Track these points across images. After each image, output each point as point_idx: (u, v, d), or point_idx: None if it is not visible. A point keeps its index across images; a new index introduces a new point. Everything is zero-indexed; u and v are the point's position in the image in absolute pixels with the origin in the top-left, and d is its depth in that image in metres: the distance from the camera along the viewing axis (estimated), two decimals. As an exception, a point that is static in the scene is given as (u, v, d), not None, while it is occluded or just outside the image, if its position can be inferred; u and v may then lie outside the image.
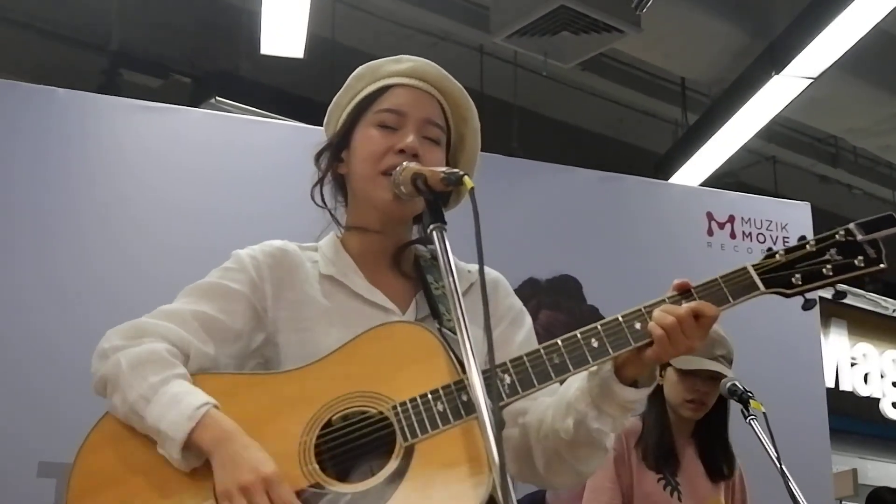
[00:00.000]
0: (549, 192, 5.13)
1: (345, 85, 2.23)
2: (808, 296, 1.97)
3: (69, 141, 4.32)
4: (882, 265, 1.96)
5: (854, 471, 10.21)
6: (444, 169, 1.91)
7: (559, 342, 1.94)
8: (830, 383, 10.99)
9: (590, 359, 1.92)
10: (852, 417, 11.21)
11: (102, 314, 4.03)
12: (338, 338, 1.99)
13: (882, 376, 12.47)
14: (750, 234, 5.38)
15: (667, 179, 7.96)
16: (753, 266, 1.98)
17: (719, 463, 3.78)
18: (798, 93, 7.25)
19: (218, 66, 7.79)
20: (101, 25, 7.33)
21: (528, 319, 2.27)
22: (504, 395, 1.90)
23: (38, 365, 3.99)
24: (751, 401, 3.47)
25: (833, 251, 1.96)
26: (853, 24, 6.37)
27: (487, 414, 1.67)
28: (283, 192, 4.23)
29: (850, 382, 12.07)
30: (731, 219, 5.38)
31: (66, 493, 1.89)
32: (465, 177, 1.84)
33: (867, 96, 8.28)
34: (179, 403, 1.86)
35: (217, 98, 7.18)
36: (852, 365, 12.17)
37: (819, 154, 10.14)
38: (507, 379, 1.90)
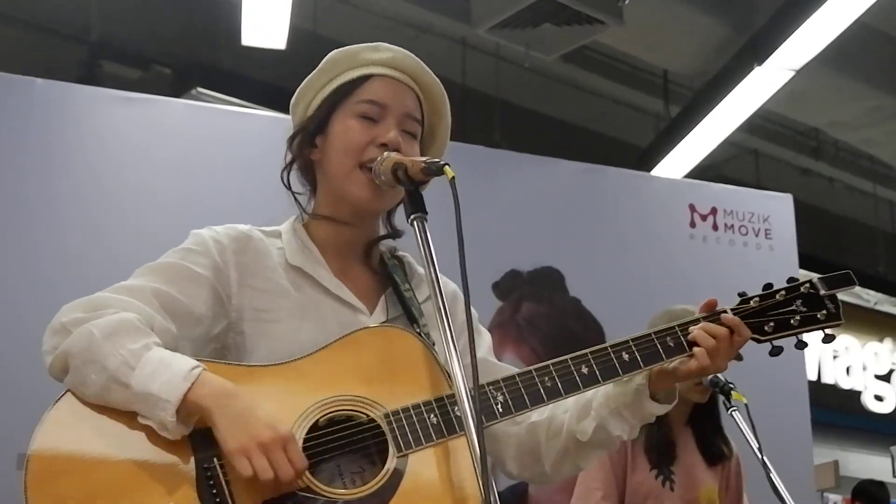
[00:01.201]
0: (531, 183, 5.12)
1: (318, 68, 2.17)
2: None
3: (49, 131, 4.29)
4: (840, 321, 2.10)
5: (835, 462, 10.27)
6: (424, 159, 1.90)
7: (550, 365, 2.01)
8: (813, 376, 11.04)
9: (581, 385, 2.00)
10: (834, 410, 11.26)
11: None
12: (310, 332, 1.97)
13: (864, 369, 12.55)
14: (732, 225, 5.38)
15: (649, 172, 7.97)
16: (732, 309, 2.11)
17: (718, 445, 3.79)
18: (780, 86, 7.29)
19: (199, 58, 7.77)
20: (80, 16, 7.30)
21: (485, 332, 2.29)
22: (497, 414, 1.94)
23: (17, 357, 3.96)
24: (732, 392, 3.47)
25: (799, 302, 2.11)
26: (835, 17, 6.40)
27: (476, 435, 1.65)
28: (264, 183, 4.15)
29: (833, 375, 12.14)
30: (714, 211, 5.39)
31: (25, 477, 1.75)
32: (447, 166, 1.82)
33: (849, 89, 8.32)
34: (171, 366, 1.78)
35: (198, 89, 7.17)
36: (834, 357, 12.23)
37: (801, 147, 10.19)
38: (500, 397, 1.95)
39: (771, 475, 3.23)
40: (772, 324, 2.09)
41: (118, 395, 1.79)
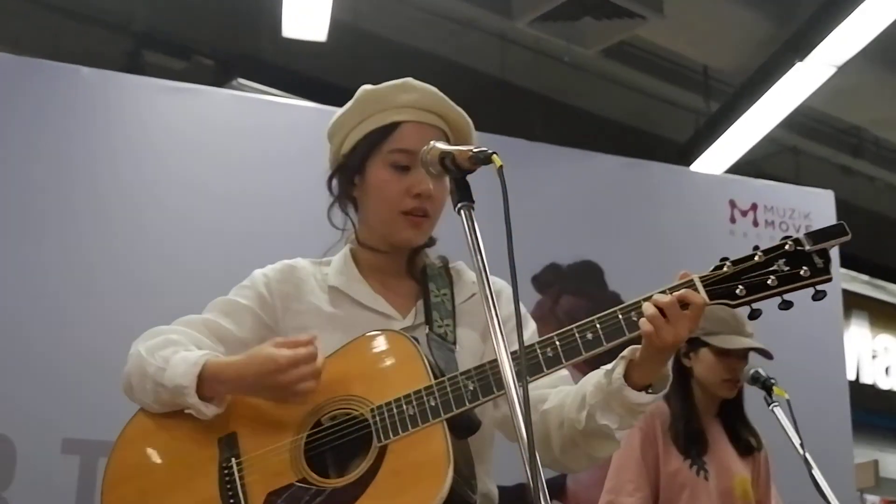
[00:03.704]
0: (571, 177, 5.13)
1: (348, 106, 2.34)
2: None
3: (94, 119, 4.34)
4: (828, 276, 1.94)
5: (875, 462, 10.18)
6: (471, 147, 1.92)
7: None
8: (851, 376, 10.95)
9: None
10: (872, 411, 11.16)
11: (126, 295, 4.08)
12: (339, 342, 2.17)
13: (904, 369, 12.45)
14: (773, 222, 5.36)
15: (688, 167, 7.93)
16: (701, 277, 2.01)
17: (746, 437, 3.79)
18: (822, 82, 7.22)
19: (240, 49, 7.80)
20: (125, 7, 7.34)
21: (533, 324, 2.36)
22: (478, 396, 2.04)
23: (61, 346, 4.02)
24: (774, 387, 3.47)
25: (781, 262, 1.95)
26: (878, 13, 6.35)
27: (517, 396, 1.73)
28: (304, 173, 4.23)
29: (871, 375, 12.05)
30: (754, 207, 5.37)
31: (103, 483, 2.16)
32: (495, 155, 1.84)
33: (891, 86, 8.25)
34: (187, 359, 2.08)
35: (239, 80, 7.20)
36: (873, 357, 12.14)
37: (841, 144, 10.10)
38: (469, 386, 2.04)
39: (813, 472, 3.22)
40: (741, 287, 1.96)
41: (164, 395, 2.11)
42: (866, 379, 11.86)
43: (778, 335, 4.62)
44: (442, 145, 1.99)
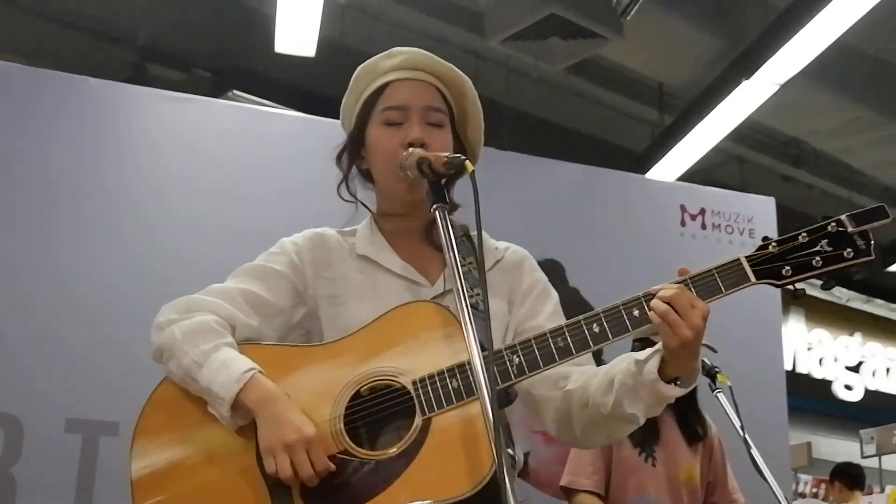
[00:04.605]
0: (536, 183, 5.13)
1: (348, 88, 2.24)
2: (799, 285, 1.90)
3: (101, 127, 4.31)
4: (870, 257, 1.84)
5: (808, 443, 10.27)
6: (447, 154, 1.92)
7: (563, 326, 1.93)
8: (788, 366, 11.04)
9: (591, 343, 1.91)
10: (807, 397, 11.25)
11: (130, 283, 4.06)
12: (370, 310, 2.01)
13: (835, 360, 12.56)
14: (719, 225, 5.38)
15: (644, 175, 7.96)
16: (747, 258, 1.91)
17: (694, 426, 3.80)
18: (766, 98, 7.28)
19: (236, 62, 7.79)
20: (129, 22, 7.32)
21: (554, 292, 2.25)
22: (512, 375, 1.90)
23: (68, 331, 4.00)
24: (718, 375, 3.49)
25: (824, 242, 1.86)
26: (818, 36, 6.41)
27: (487, 393, 1.67)
28: (296, 177, 4.26)
29: (806, 365, 12.14)
30: (703, 211, 5.38)
31: (132, 441, 1.97)
32: (466, 161, 1.84)
33: (829, 102, 8.32)
34: (228, 368, 1.91)
35: (234, 91, 7.19)
36: (808, 349, 12.24)
37: (783, 155, 10.17)
38: (516, 359, 1.91)
39: (752, 451, 3.25)
40: (788, 268, 1.87)
41: (191, 387, 1.96)
42: (802, 368, 11.98)
43: (723, 329, 4.59)
44: (420, 152, 1.98)
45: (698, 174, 8.81)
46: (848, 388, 12.60)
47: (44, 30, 7.11)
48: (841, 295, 12.16)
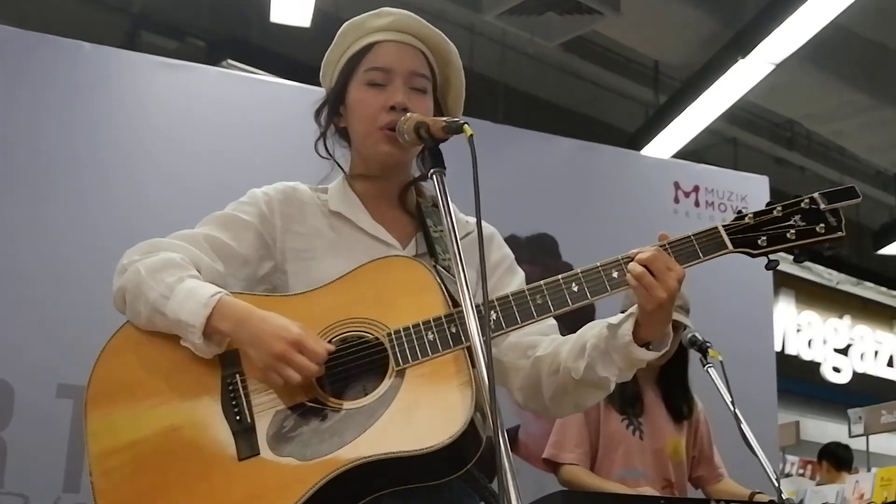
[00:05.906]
0: (531, 157, 5.13)
1: (333, 42, 2.18)
2: (772, 257, 1.95)
3: (94, 92, 4.30)
4: (841, 233, 1.91)
5: (797, 422, 10.31)
6: (445, 118, 1.90)
7: (542, 285, 1.93)
8: (778, 347, 11.08)
9: (569, 302, 1.91)
10: (795, 379, 11.29)
11: (123, 249, 4.04)
12: (341, 266, 1.99)
13: (824, 342, 12.60)
14: (712, 203, 5.39)
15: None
16: (724, 226, 1.95)
17: (679, 405, 3.80)
18: (760, 78, 7.27)
19: (230, 32, 7.75)
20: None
21: (521, 271, 2.24)
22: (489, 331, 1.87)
23: (59, 297, 4.00)
24: (709, 350, 3.49)
25: (797, 217, 1.92)
26: (814, 17, 6.42)
27: (479, 342, 1.66)
28: (286, 143, 4.21)
29: (796, 347, 12.19)
30: (696, 189, 5.39)
31: (86, 393, 1.88)
32: (466, 125, 1.81)
33: (824, 84, 8.31)
34: (195, 295, 1.87)
35: (228, 61, 7.15)
36: (798, 331, 12.28)
37: (776, 137, 10.18)
38: (493, 315, 1.91)
39: (741, 425, 3.25)
40: (764, 238, 1.92)
41: (160, 322, 1.89)
42: (791, 350, 12.02)
43: (715, 310, 4.69)
44: (418, 116, 1.96)
45: (691, 155, 8.80)
46: (836, 370, 12.64)
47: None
48: (831, 277, 12.19)
